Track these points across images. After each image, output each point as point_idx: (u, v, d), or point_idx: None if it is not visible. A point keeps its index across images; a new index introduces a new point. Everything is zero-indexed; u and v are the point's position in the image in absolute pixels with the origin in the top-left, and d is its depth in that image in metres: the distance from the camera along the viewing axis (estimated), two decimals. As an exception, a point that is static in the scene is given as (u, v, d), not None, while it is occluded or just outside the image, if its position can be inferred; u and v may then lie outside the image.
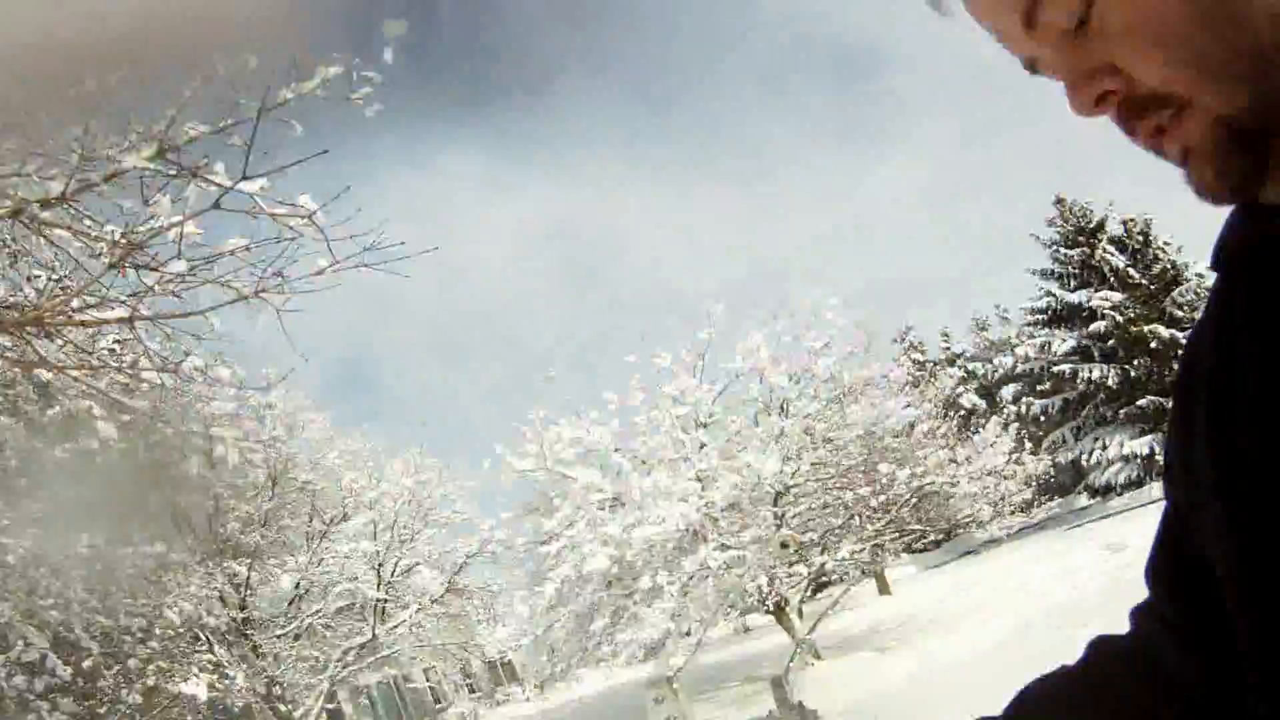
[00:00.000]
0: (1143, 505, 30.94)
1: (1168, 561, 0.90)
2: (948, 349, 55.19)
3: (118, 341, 10.17)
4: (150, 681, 19.82)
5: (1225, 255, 0.79)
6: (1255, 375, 0.69)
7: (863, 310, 22.83)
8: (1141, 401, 39.91)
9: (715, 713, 17.85)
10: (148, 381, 9.46)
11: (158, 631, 19.60)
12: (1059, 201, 43.74)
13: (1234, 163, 0.70)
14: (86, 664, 17.79)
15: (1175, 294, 41.42)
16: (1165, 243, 42.91)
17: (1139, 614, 0.96)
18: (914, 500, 22.13)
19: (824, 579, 27.07)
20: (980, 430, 31.76)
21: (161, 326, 8.42)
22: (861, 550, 20.79)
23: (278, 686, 24.55)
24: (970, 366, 52.71)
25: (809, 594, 26.15)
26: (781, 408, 19.38)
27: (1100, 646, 1.00)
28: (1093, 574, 17.76)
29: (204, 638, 21.98)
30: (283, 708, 25.00)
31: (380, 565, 26.90)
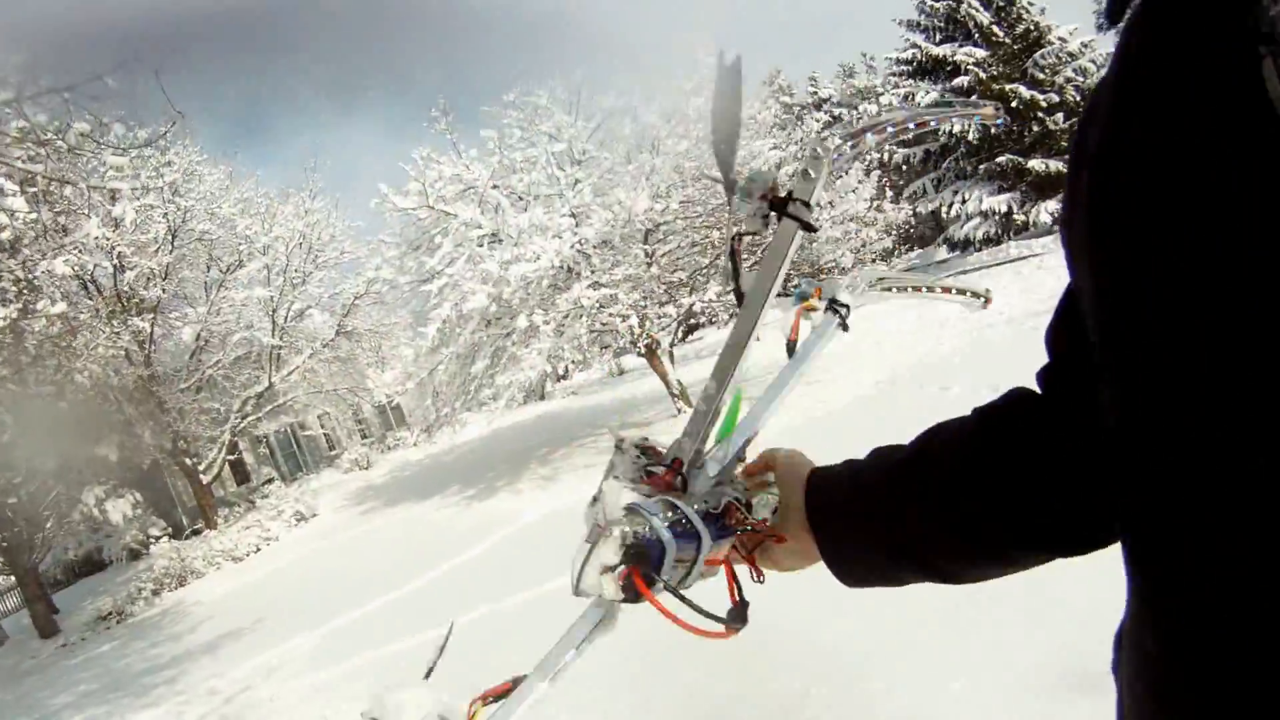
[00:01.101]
0: (998, 264, 31.41)
1: (1059, 326, 0.94)
2: (815, 94, 55.18)
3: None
4: (63, 446, 20.25)
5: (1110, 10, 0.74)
6: (1115, 126, 0.71)
7: (734, 51, 22.86)
8: (1000, 159, 40.68)
9: (595, 459, 18.16)
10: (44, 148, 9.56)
11: (68, 397, 19.87)
12: (928, -50, 42.97)
13: None
14: (4, 437, 18.00)
15: (1037, 55, 41.47)
16: (1029, 2, 42.58)
17: (1040, 375, 1.00)
18: (778, 240, 22.22)
19: (693, 320, 27.69)
20: (843, 175, 31.79)
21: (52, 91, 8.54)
22: (728, 292, 20.49)
23: (183, 441, 25.21)
24: (836, 112, 52.43)
25: (679, 337, 26.92)
26: (653, 146, 19.56)
27: (1010, 395, 1.06)
28: (956, 330, 17.72)
29: (112, 398, 22.27)
30: (188, 461, 25.77)
31: (274, 310, 27.37)
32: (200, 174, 26.69)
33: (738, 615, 1.04)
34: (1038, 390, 1.01)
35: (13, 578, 23.35)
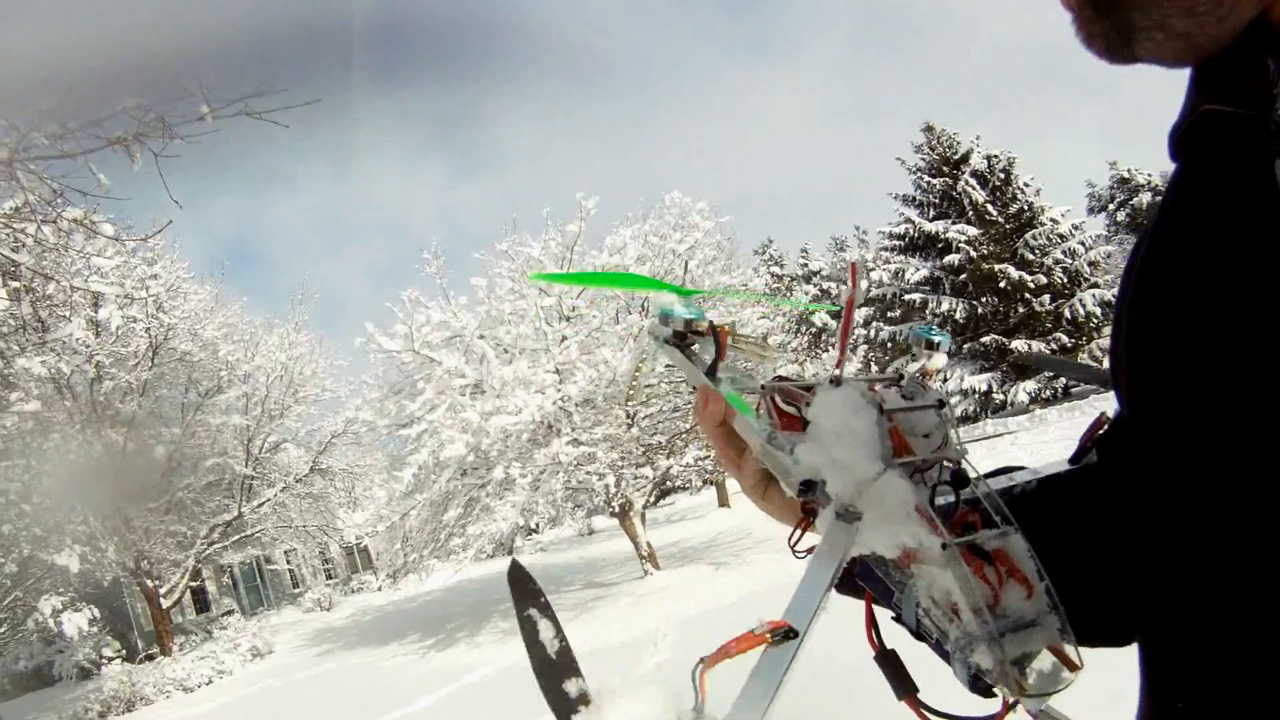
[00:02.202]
0: (974, 440, 31.20)
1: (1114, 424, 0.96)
2: (805, 265, 55.92)
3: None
4: (25, 551, 19.99)
5: (1172, 142, 0.80)
6: (1159, 245, 0.77)
7: (729, 217, 23.28)
8: (985, 339, 41.07)
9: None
10: (29, 234, 9.43)
11: (34, 499, 19.68)
12: (927, 129, 44.25)
13: (1097, 26, 0.79)
14: None
15: (1029, 236, 42.17)
16: (1025, 183, 43.64)
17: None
18: (762, 411, 22.24)
19: (668, 484, 27.56)
20: (830, 349, 31.87)
21: (42, 177, 8.43)
22: (706, 457, 21.02)
23: (146, 561, 24.87)
24: (825, 285, 53.33)
25: (652, 500, 26.87)
26: (642, 307, 19.73)
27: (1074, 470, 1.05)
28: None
29: (78, 508, 22.06)
30: (150, 583, 25.38)
31: (250, 440, 27.26)
32: (185, 292, 26.83)
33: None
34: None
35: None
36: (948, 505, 0.91)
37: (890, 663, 0.93)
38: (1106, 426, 0.99)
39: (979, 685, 0.86)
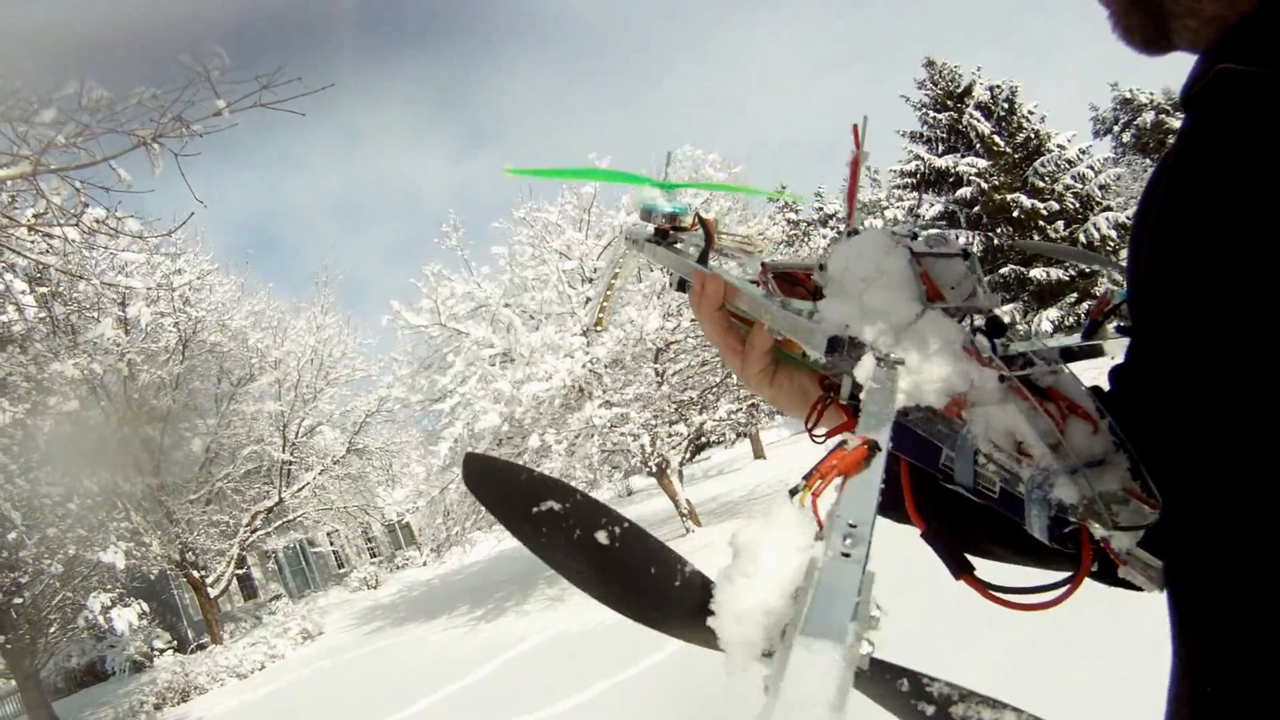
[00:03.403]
0: None
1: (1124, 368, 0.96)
2: (820, 209, 55.46)
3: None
4: (71, 551, 20.18)
5: (1185, 100, 0.80)
6: (1172, 201, 0.76)
7: (740, 167, 23.14)
8: (1004, 270, 40.90)
9: None
10: (55, 237, 9.46)
11: (76, 500, 19.84)
12: (929, 64, 43.89)
13: (1134, 19, 0.80)
14: (11, 536, 17.98)
15: (1037, 164, 41.82)
16: (1030, 111, 43.19)
17: (1112, 373, 1.01)
18: (789, 357, 22.23)
19: (703, 440, 27.53)
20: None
21: (65, 179, 8.44)
22: (738, 410, 21.09)
23: (191, 553, 25.07)
24: (842, 228, 52.10)
25: (688, 456, 26.92)
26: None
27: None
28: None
29: (120, 505, 22.21)
30: (195, 573, 25.60)
31: (285, 426, 27.40)
32: (211, 283, 26.89)
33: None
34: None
35: (13, 682, 23.04)
36: (985, 358, 0.83)
37: (939, 540, 0.90)
38: (1110, 309, 1.03)
39: (1059, 530, 0.80)
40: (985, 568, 0.91)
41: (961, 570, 0.88)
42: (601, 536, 0.86)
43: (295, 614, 27.56)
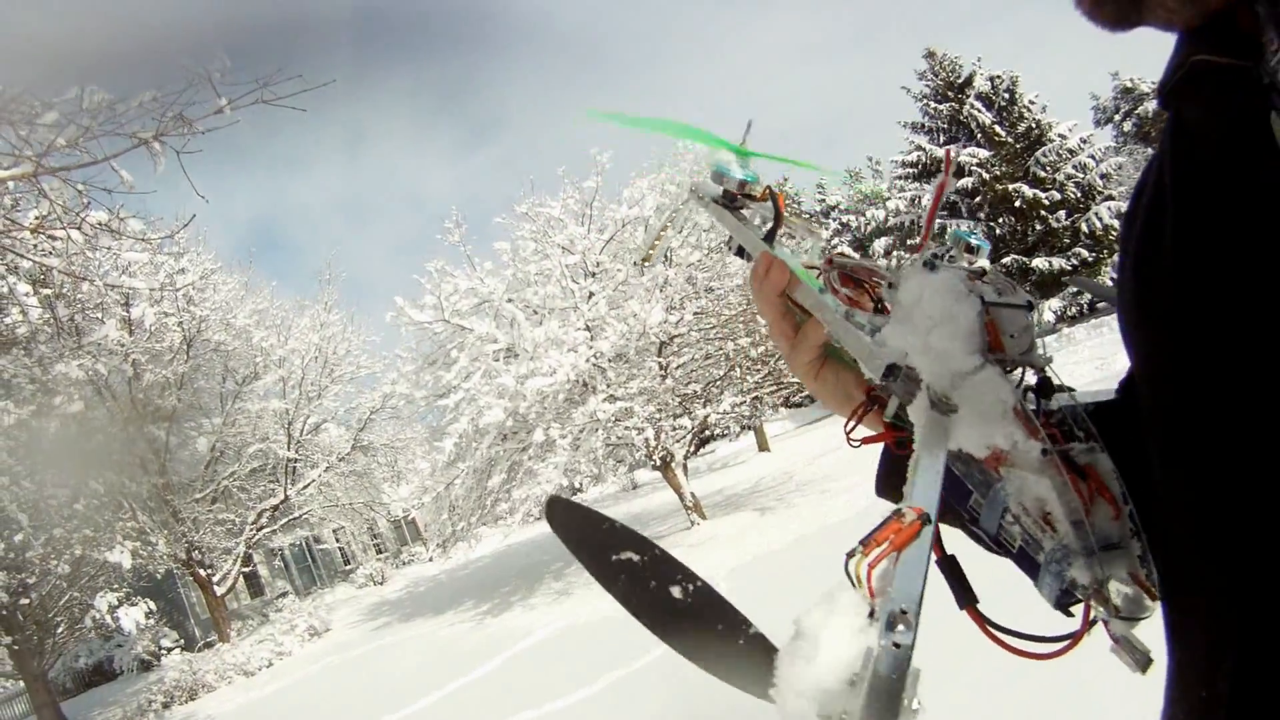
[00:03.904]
0: None
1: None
2: (823, 200, 55.44)
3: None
4: (77, 551, 20.21)
5: (1162, 92, 0.78)
6: (1153, 197, 0.77)
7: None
8: (1006, 260, 40.72)
9: None
10: (58, 239, 9.49)
11: (83, 501, 19.85)
12: (929, 54, 44.01)
13: None
14: (18, 537, 18.00)
15: (1039, 154, 41.96)
16: (1031, 101, 43.33)
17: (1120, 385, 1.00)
18: (791, 352, 22.17)
19: (707, 433, 27.49)
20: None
21: (67, 181, 8.47)
22: (742, 403, 21.11)
23: (197, 551, 25.10)
24: (844, 219, 52.85)
25: (692, 450, 26.93)
26: (665, 257, 19.38)
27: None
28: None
29: (127, 505, 22.23)
30: (202, 572, 25.64)
31: (290, 423, 27.43)
32: (215, 282, 26.92)
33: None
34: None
35: (21, 683, 23.09)
36: (1032, 426, 0.82)
37: (952, 569, 0.89)
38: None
39: (1065, 601, 0.82)
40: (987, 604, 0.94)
41: (967, 602, 0.89)
42: (676, 591, 0.91)
43: (302, 611, 27.61)
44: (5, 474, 17.46)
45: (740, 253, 1.10)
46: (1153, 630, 0.81)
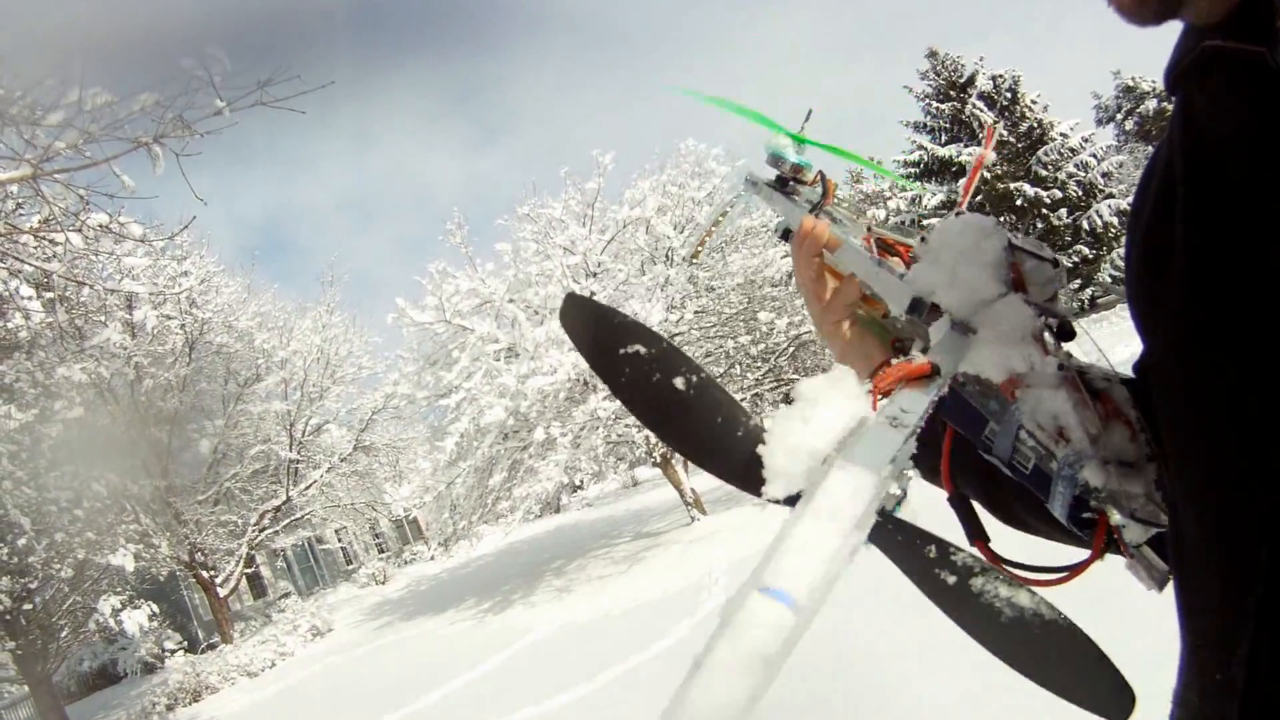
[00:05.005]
0: None
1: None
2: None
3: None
4: (80, 555, 20.20)
5: (1169, 78, 0.78)
6: (1162, 185, 0.76)
7: (744, 160, 23.09)
8: (1008, 252, 40.80)
9: (609, 570, 18.35)
10: (58, 243, 9.43)
11: (85, 504, 19.85)
12: (931, 54, 43.94)
13: None
14: (21, 541, 17.98)
15: (1040, 152, 41.82)
16: (1032, 101, 43.20)
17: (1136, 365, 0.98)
18: (791, 349, 22.49)
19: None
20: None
21: (69, 186, 8.43)
22: (742, 399, 20.72)
23: (200, 553, 25.11)
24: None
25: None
26: (667, 256, 19.80)
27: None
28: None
29: (129, 508, 22.23)
30: (205, 574, 25.66)
31: (292, 425, 27.44)
32: (217, 285, 26.97)
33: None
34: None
35: (26, 687, 23.09)
36: (1049, 347, 0.88)
37: (964, 506, 0.94)
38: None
39: (1078, 511, 0.84)
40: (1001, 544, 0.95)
41: (976, 537, 0.93)
42: (679, 382, 0.91)
43: (305, 611, 27.58)
44: (8, 478, 17.45)
45: (785, 235, 1.18)
46: (1161, 619, 0.83)
